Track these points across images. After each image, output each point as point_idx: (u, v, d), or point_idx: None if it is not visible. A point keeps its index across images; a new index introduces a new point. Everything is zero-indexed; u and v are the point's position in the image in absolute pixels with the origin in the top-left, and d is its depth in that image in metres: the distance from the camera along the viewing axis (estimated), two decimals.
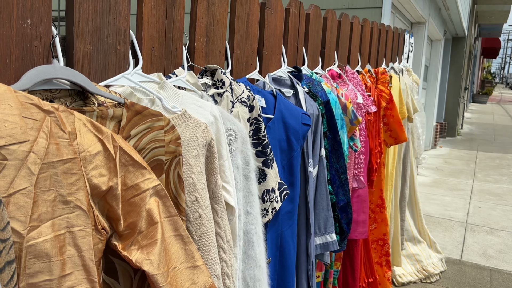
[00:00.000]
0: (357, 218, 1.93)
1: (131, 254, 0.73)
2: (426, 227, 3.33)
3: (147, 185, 0.76)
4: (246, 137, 1.14)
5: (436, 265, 3.21)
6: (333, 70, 2.05)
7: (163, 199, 0.78)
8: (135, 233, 0.73)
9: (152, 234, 0.75)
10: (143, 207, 0.74)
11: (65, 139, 0.69)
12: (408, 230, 3.24)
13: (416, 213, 3.29)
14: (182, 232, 0.79)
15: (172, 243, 0.77)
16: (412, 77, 3.25)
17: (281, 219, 1.33)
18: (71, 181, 0.68)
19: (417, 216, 3.30)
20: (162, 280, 0.73)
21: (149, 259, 0.73)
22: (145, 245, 0.74)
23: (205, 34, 1.20)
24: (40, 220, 0.64)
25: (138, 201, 0.74)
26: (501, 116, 16.32)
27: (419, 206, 3.29)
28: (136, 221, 0.74)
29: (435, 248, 3.33)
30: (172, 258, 0.77)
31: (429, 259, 3.21)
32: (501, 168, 7.11)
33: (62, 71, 0.75)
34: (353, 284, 2.00)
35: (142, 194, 0.75)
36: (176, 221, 0.79)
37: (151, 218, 0.75)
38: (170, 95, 0.98)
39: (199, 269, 0.81)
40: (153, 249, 0.74)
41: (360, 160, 1.94)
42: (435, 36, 7.88)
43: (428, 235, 3.32)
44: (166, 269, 0.75)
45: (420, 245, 3.24)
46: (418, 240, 3.25)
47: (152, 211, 0.75)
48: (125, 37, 0.95)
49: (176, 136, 0.85)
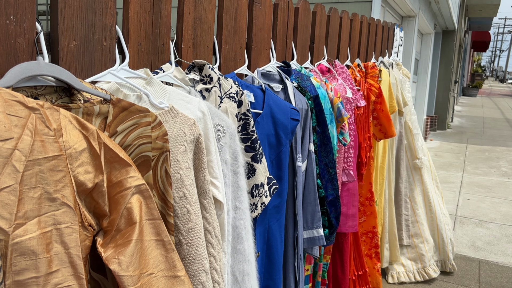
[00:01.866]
0: (347, 212, 1.94)
1: (106, 251, 0.72)
2: (442, 227, 3.17)
3: (130, 183, 0.75)
4: (235, 132, 1.14)
5: (436, 269, 3.11)
6: (322, 65, 2.06)
7: (147, 200, 0.76)
8: (113, 230, 0.73)
9: (129, 234, 0.73)
10: (123, 205, 0.73)
11: (51, 136, 0.69)
12: (416, 227, 3.13)
13: (427, 211, 3.18)
14: (164, 238, 0.77)
15: (152, 248, 0.75)
16: (402, 71, 3.26)
17: (269, 213, 1.34)
18: (57, 178, 0.68)
19: (430, 215, 3.17)
20: (130, 283, 0.71)
21: (117, 258, 0.71)
22: (119, 244, 0.72)
23: (193, 29, 1.19)
24: (26, 218, 0.64)
25: (119, 199, 0.73)
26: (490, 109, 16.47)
27: (434, 207, 3.16)
28: (115, 218, 0.73)
29: (444, 250, 3.18)
30: (150, 263, 0.74)
31: (432, 260, 3.14)
32: (490, 161, 7.19)
33: (47, 68, 0.75)
34: (342, 277, 2.02)
35: (124, 192, 0.74)
36: (159, 225, 0.77)
37: (131, 218, 0.74)
38: (157, 91, 0.98)
39: (180, 280, 0.78)
40: (126, 249, 0.72)
41: (350, 154, 1.95)
42: (425, 30, 7.91)
43: (439, 236, 3.17)
44: (138, 273, 0.72)
45: (428, 245, 3.12)
46: (427, 239, 3.13)
47: (132, 210, 0.74)
48: (111, 33, 0.94)
49: (163, 132, 0.86)
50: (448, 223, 3.27)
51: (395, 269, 3.07)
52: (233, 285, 1.10)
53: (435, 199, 3.22)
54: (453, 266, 3.16)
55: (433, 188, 3.26)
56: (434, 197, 3.20)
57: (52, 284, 0.66)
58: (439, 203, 3.28)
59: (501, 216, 4.54)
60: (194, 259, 0.91)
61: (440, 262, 3.19)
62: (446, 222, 3.25)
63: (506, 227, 4.23)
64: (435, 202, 3.20)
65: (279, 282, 1.34)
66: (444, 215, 3.26)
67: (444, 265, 3.18)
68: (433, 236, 3.19)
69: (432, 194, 3.18)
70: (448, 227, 3.24)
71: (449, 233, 3.22)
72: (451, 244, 3.21)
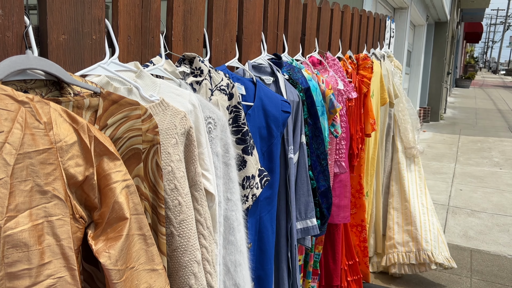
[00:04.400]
0: (340, 203, 1.96)
1: (96, 243, 0.73)
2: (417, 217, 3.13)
3: (117, 176, 0.75)
4: (226, 124, 1.15)
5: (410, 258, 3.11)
6: (313, 57, 2.06)
7: (132, 195, 0.77)
8: (103, 223, 0.74)
9: (120, 229, 0.74)
10: (112, 198, 0.74)
11: (41, 129, 0.69)
12: (389, 218, 3.16)
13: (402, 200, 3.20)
14: (145, 232, 0.78)
15: (135, 242, 0.77)
16: (394, 63, 3.27)
17: (260, 205, 1.35)
18: (48, 171, 0.69)
19: (404, 203, 3.19)
20: (117, 277, 0.72)
21: (108, 252, 0.72)
22: (111, 237, 0.73)
23: (183, 22, 1.19)
24: (17, 210, 0.65)
25: (108, 192, 0.74)
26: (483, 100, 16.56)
27: (409, 196, 3.15)
28: (105, 211, 0.74)
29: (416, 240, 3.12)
30: (132, 257, 0.76)
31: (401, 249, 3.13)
32: (482, 151, 7.25)
33: (36, 62, 0.75)
34: (334, 267, 2.04)
35: (112, 185, 0.75)
36: (142, 220, 0.78)
37: (122, 213, 0.75)
38: (147, 84, 0.99)
39: (158, 274, 0.80)
40: (116, 243, 0.73)
41: (341, 145, 1.96)
42: (417, 21, 7.92)
43: (412, 226, 3.14)
44: (124, 267, 0.74)
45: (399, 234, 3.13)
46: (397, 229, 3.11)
47: (123, 206, 0.75)
48: (100, 26, 0.94)
49: (153, 125, 0.86)
50: (425, 213, 3.24)
51: (378, 259, 3.13)
52: (225, 275, 1.11)
53: (412, 189, 3.20)
54: (428, 257, 3.03)
55: (413, 178, 3.23)
56: (411, 187, 3.18)
57: (44, 276, 0.67)
58: (415, 192, 3.24)
59: (492, 205, 4.59)
60: (186, 250, 0.92)
61: (414, 253, 3.14)
62: (424, 212, 3.22)
63: (498, 217, 4.28)
64: (410, 192, 3.18)
65: (271, 272, 1.36)
66: (423, 205, 3.23)
67: (418, 256, 3.13)
68: (406, 226, 3.19)
69: (407, 183, 3.16)
70: (424, 217, 3.20)
71: (427, 224, 3.17)
72: (429, 233, 3.19)
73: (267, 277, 1.34)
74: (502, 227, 4.01)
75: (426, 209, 3.18)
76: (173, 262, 0.92)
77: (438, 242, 3.09)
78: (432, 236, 3.10)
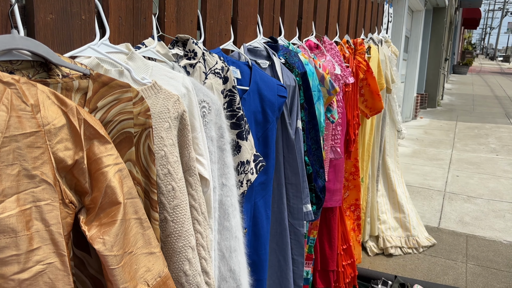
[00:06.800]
0: (333, 187, 1.96)
1: (90, 229, 0.71)
2: (403, 204, 3.31)
3: (109, 160, 0.74)
4: (220, 109, 1.13)
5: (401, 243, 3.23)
6: (310, 41, 2.03)
7: (125, 179, 0.75)
8: (96, 208, 0.72)
9: (113, 214, 0.72)
10: (105, 182, 0.72)
11: (28, 111, 0.67)
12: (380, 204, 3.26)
13: (389, 189, 3.30)
14: (141, 216, 0.77)
15: (131, 227, 0.75)
16: (391, 48, 3.24)
17: (255, 190, 1.33)
18: (35, 155, 0.67)
19: (391, 192, 3.30)
20: (114, 262, 0.71)
21: (102, 238, 0.70)
22: (104, 223, 0.72)
23: (176, 3, 1.16)
24: (4, 195, 0.63)
25: (100, 176, 0.72)
26: (480, 86, 16.54)
27: (394, 185, 3.27)
28: (97, 196, 0.72)
29: (405, 225, 3.30)
30: (130, 242, 0.75)
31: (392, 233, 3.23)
32: (479, 138, 7.25)
33: (22, 41, 0.72)
34: (330, 252, 2.04)
35: (104, 169, 0.73)
36: (137, 204, 0.77)
37: (115, 197, 0.73)
38: (139, 66, 0.96)
39: (155, 257, 0.79)
40: (111, 229, 0.71)
41: (337, 131, 1.95)
42: (416, 7, 7.85)
43: (400, 212, 3.29)
44: (122, 252, 0.72)
45: (388, 220, 3.24)
46: (386, 215, 3.25)
47: (116, 190, 0.73)
48: (90, 6, 0.91)
49: (145, 108, 0.84)
50: (408, 201, 3.37)
51: (373, 242, 3.17)
52: (220, 261, 1.10)
53: (395, 177, 3.30)
54: (417, 242, 3.23)
55: (394, 166, 3.33)
56: (394, 176, 3.29)
57: (33, 262, 0.65)
58: (398, 181, 3.35)
59: (489, 191, 4.61)
60: (180, 235, 0.91)
61: (404, 238, 3.27)
62: (407, 200, 3.34)
63: (494, 203, 4.29)
64: (395, 179, 3.28)
65: (265, 257, 1.35)
66: (403, 193, 3.36)
67: (408, 241, 3.25)
68: (394, 213, 3.30)
69: (392, 172, 3.27)
70: (408, 205, 3.33)
71: (413, 211, 3.33)
72: (414, 219, 3.30)
73: (261, 262, 1.34)
74: (498, 213, 4.03)
75: (406, 197, 3.39)
76: (167, 248, 0.91)
77: (420, 226, 3.34)
78: (416, 222, 3.32)
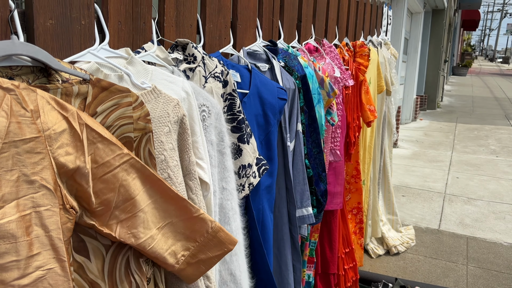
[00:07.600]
0: (333, 190, 1.96)
1: (112, 229, 0.74)
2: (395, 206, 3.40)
3: (118, 161, 0.75)
4: (220, 112, 1.13)
5: None
6: (310, 44, 2.04)
7: (141, 170, 0.78)
8: (110, 208, 0.74)
9: (130, 208, 0.75)
10: (117, 183, 0.74)
11: (28, 117, 0.67)
12: None
13: (386, 192, 3.34)
14: (171, 193, 0.81)
15: (161, 203, 0.80)
16: (390, 51, 3.25)
17: (262, 194, 1.33)
18: (35, 160, 0.67)
19: (387, 194, 3.35)
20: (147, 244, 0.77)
21: (131, 233, 0.75)
22: (123, 219, 0.75)
23: (175, 7, 1.16)
24: (3, 201, 0.63)
25: (111, 178, 0.73)
26: (480, 88, 16.55)
27: (390, 187, 3.34)
28: (110, 197, 0.73)
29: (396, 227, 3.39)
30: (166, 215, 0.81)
31: None
32: (479, 139, 7.25)
33: (22, 47, 0.72)
34: (331, 255, 2.04)
35: (114, 171, 0.74)
36: (161, 185, 0.80)
37: (129, 194, 0.75)
38: (139, 71, 0.96)
39: (199, 219, 0.84)
40: (134, 222, 0.76)
41: (337, 134, 1.95)
42: (415, 9, 7.86)
43: (394, 214, 3.37)
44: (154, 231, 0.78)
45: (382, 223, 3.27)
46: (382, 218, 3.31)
47: (129, 186, 0.75)
48: (89, 11, 0.91)
49: (145, 113, 0.84)
50: None
51: (374, 244, 3.18)
52: (221, 264, 1.10)
53: (391, 179, 3.35)
54: (407, 242, 3.31)
55: (390, 168, 3.37)
56: (390, 177, 3.33)
57: (33, 267, 0.65)
58: (392, 182, 3.44)
59: (489, 193, 4.60)
60: None
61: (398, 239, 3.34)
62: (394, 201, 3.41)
63: (494, 204, 4.29)
64: (391, 181, 3.34)
65: (270, 260, 1.35)
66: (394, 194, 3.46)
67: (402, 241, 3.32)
68: (388, 215, 3.35)
69: (389, 174, 3.31)
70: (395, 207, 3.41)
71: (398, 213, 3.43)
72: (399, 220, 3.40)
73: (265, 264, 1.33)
74: (498, 215, 4.02)
75: None
76: None
77: (404, 228, 3.47)
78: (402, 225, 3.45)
